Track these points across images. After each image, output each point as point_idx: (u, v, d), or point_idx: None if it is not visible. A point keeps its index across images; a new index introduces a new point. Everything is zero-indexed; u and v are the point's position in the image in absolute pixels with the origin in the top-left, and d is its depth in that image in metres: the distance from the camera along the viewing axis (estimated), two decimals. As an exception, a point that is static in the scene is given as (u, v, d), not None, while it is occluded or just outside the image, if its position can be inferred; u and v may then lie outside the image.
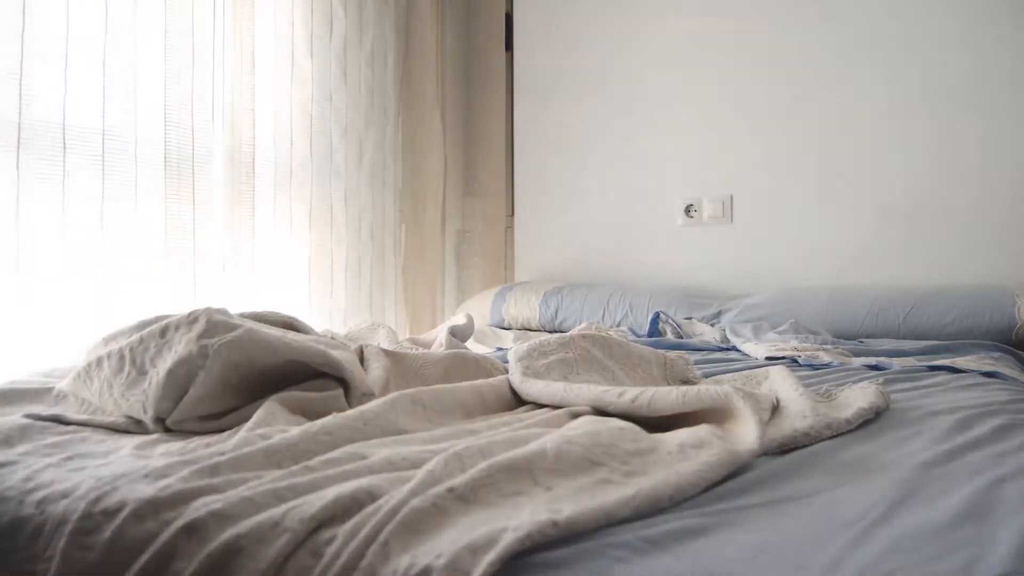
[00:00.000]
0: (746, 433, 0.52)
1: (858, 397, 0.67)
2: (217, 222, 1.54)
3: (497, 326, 1.87)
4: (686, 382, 0.80)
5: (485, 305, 1.96)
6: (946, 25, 1.61)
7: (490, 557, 0.33)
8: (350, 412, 0.56)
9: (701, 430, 0.50)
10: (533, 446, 0.46)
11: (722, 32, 1.89)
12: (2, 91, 1.18)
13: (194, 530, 0.37)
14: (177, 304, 1.45)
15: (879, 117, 1.69)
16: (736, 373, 0.85)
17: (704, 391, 0.55)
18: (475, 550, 0.33)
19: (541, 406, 0.64)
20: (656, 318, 1.45)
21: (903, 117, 1.66)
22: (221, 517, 0.37)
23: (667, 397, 0.55)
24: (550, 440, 0.46)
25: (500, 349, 1.26)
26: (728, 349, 1.24)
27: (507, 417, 0.59)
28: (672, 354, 0.86)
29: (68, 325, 1.27)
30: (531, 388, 0.65)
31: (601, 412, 0.58)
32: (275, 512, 0.37)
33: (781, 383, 0.71)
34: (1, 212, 1.18)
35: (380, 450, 0.48)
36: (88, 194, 1.29)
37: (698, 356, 1.13)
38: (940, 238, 1.61)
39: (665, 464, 0.45)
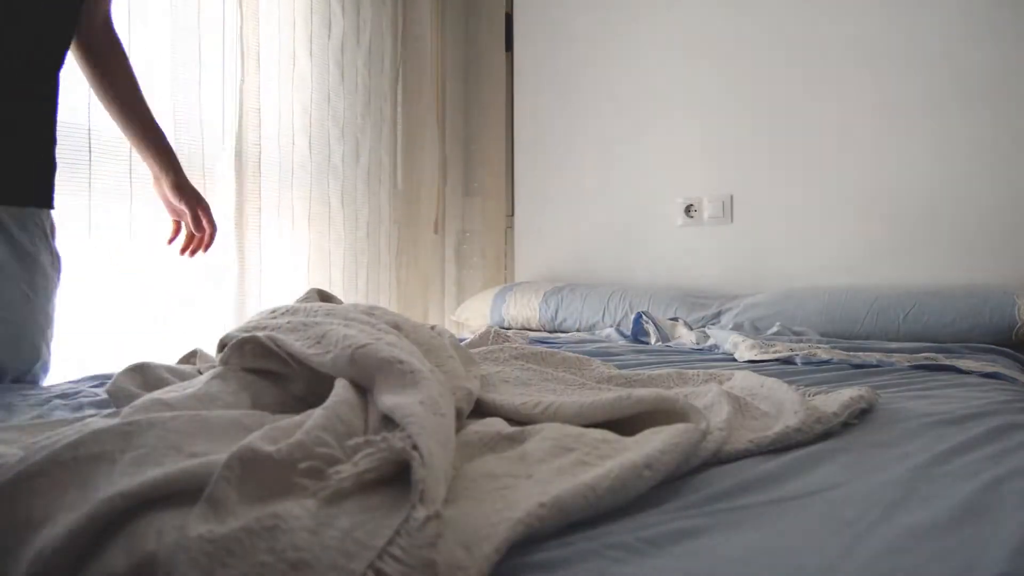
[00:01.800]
0: (693, 419, 0.52)
1: (844, 393, 0.67)
2: (226, 221, 1.55)
3: (498, 326, 1.87)
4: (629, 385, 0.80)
5: (485, 305, 1.97)
6: (947, 26, 1.61)
7: (486, 551, 0.32)
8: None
9: (651, 428, 0.51)
10: (513, 451, 0.47)
11: (723, 32, 1.89)
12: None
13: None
14: (184, 301, 1.45)
15: (880, 117, 1.69)
16: (702, 370, 0.84)
17: (637, 394, 0.55)
18: (468, 546, 0.33)
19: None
20: (639, 318, 1.46)
21: (903, 117, 1.66)
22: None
23: (600, 406, 0.55)
24: (529, 444, 0.47)
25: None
26: (701, 351, 1.25)
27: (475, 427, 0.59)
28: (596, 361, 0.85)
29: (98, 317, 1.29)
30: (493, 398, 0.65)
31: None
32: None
33: (761, 381, 0.71)
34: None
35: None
36: (116, 194, 1.32)
37: (673, 359, 1.13)
38: (940, 239, 1.61)
39: (632, 446, 0.46)
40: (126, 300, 1.36)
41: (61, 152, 0.95)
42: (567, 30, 2.14)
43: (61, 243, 0.94)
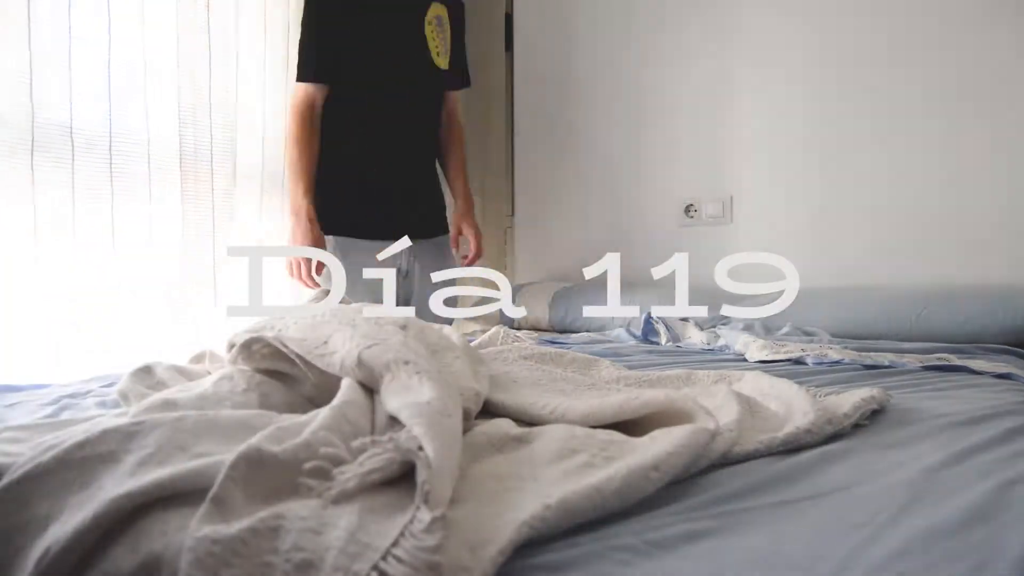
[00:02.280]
0: (701, 420, 0.51)
1: (856, 393, 0.67)
2: (238, 223, 1.55)
3: (506, 327, 1.87)
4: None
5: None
6: (951, 23, 1.59)
7: (490, 552, 0.32)
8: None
9: (661, 429, 0.51)
10: (520, 452, 0.46)
11: (722, 32, 1.88)
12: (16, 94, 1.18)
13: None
14: (166, 304, 1.45)
15: (885, 115, 1.67)
16: (712, 371, 0.84)
17: (645, 396, 0.55)
18: (473, 547, 0.32)
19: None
20: (649, 318, 1.46)
21: (908, 116, 1.64)
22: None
23: (608, 408, 0.54)
24: (536, 445, 0.47)
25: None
26: (712, 351, 1.24)
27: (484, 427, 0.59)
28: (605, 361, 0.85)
29: (89, 324, 1.28)
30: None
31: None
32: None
33: (771, 382, 0.70)
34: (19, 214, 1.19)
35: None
36: (100, 193, 1.30)
37: (684, 359, 1.13)
38: (947, 238, 1.59)
39: (640, 448, 0.45)
40: (111, 302, 1.33)
41: (46, 150, 1.14)
42: (567, 30, 2.13)
43: (50, 244, 0.99)
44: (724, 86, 1.88)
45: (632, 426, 0.52)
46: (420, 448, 0.37)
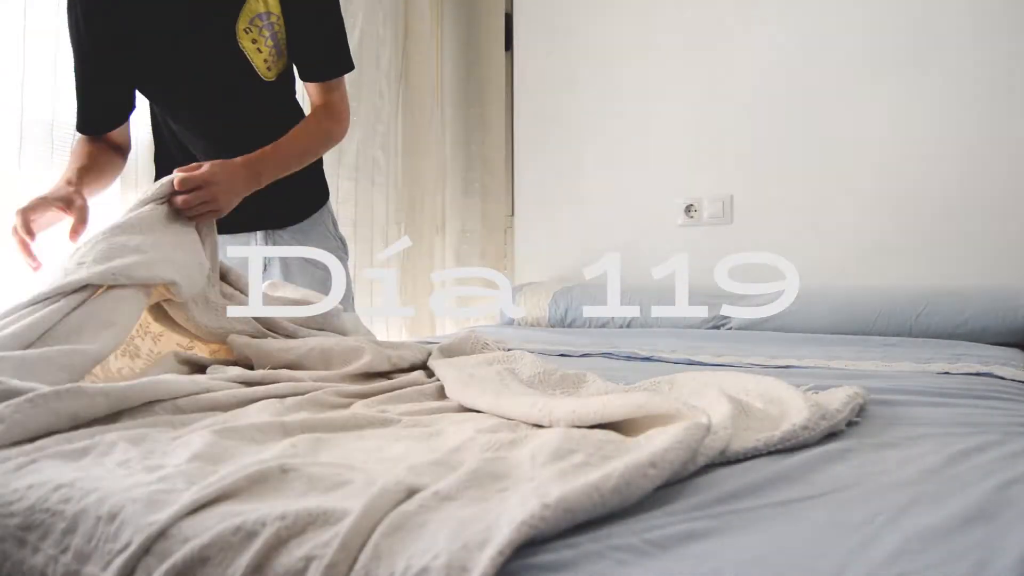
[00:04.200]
0: (694, 417, 0.51)
1: (841, 390, 0.67)
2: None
3: (506, 325, 1.87)
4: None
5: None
6: (953, 23, 1.60)
7: (489, 552, 0.32)
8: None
9: (655, 428, 0.51)
10: (513, 454, 0.47)
11: (723, 31, 1.89)
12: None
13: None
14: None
15: (885, 115, 1.68)
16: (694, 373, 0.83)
17: (628, 396, 0.55)
18: (471, 547, 0.32)
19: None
20: None
21: (908, 115, 1.65)
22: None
23: (592, 405, 0.54)
24: (533, 445, 0.47)
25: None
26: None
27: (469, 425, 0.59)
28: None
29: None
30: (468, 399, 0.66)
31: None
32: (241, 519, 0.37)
33: (757, 380, 0.70)
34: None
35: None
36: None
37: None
38: (947, 238, 1.60)
39: (635, 447, 0.45)
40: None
41: (34, 148, 1.14)
42: (567, 30, 2.13)
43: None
44: (724, 85, 1.88)
45: (627, 430, 0.52)
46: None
